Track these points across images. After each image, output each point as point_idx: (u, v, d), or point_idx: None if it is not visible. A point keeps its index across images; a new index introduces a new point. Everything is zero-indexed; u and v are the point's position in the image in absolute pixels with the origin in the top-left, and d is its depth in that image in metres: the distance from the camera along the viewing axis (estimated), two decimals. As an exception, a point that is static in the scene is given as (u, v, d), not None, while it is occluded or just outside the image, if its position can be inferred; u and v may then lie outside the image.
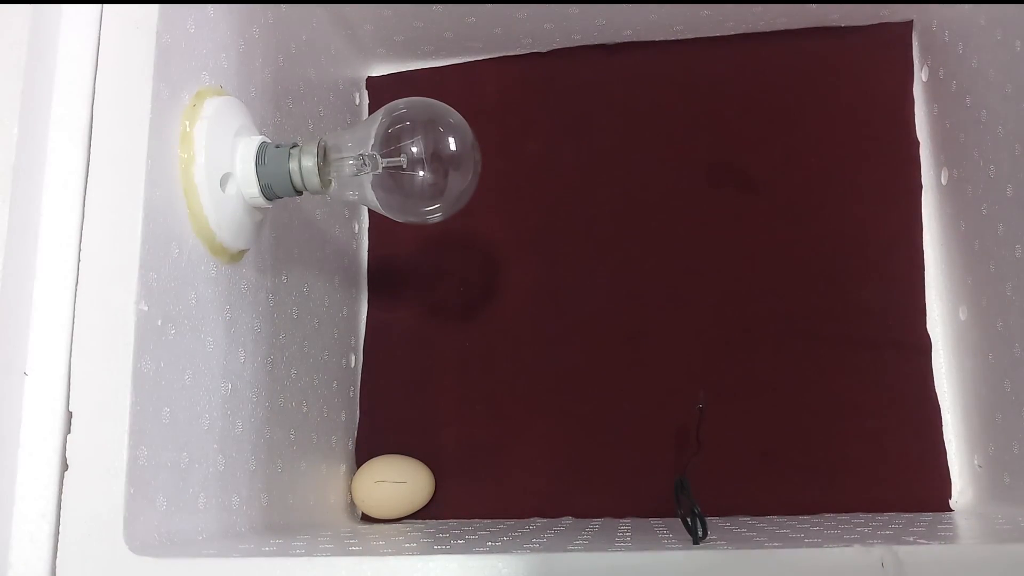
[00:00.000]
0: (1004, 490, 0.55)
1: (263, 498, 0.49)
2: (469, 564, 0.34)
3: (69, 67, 0.39)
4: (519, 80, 0.71)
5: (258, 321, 0.50)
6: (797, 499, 0.61)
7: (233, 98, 0.45)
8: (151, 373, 0.38)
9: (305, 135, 0.58)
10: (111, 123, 0.39)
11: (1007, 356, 0.54)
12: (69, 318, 0.37)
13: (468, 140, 0.45)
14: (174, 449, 0.40)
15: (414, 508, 0.63)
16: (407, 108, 0.44)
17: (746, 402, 0.63)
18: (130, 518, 0.36)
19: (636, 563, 0.34)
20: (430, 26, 0.67)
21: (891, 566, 0.33)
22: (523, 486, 0.64)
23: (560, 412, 0.66)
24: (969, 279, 0.60)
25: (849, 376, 0.63)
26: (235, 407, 0.47)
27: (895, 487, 0.61)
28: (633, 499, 0.62)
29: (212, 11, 0.45)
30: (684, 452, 0.62)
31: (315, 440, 0.59)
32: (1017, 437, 0.53)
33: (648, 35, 0.68)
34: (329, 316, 0.62)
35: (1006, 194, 0.54)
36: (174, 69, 0.41)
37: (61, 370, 0.37)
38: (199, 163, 0.41)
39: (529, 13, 0.65)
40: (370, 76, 0.72)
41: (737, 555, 0.34)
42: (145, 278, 0.38)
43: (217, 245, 0.44)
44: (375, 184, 0.44)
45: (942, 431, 0.61)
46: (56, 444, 0.36)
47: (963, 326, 0.60)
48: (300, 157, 0.43)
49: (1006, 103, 0.54)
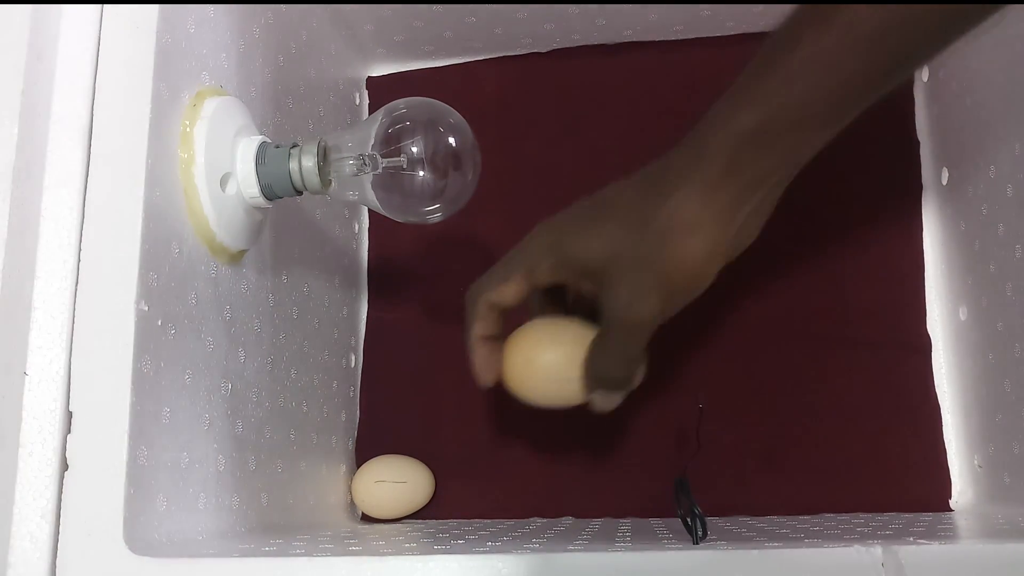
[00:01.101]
0: (1004, 490, 0.55)
1: (263, 498, 0.49)
2: (469, 564, 0.34)
3: (69, 67, 0.40)
4: (519, 80, 0.71)
5: (258, 321, 0.50)
6: (797, 499, 0.61)
7: (233, 98, 0.45)
8: (151, 373, 0.38)
9: (305, 135, 0.58)
10: (111, 123, 0.39)
11: (1007, 356, 0.54)
12: (69, 318, 0.37)
13: (468, 140, 0.45)
14: (174, 449, 0.40)
15: (414, 508, 0.63)
16: (407, 108, 0.44)
17: (746, 402, 0.63)
18: (130, 518, 0.36)
19: (636, 563, 0.34)
20: (430, 26, 0.67)
21: (891, 566, 0.33)
22: (523, 486, 0.64)
23: (560, 412, 0.65)
24: (969, 279, 0.60)
25: (849, 376, 0.63)
26: (235, 407, 0.47)
27: (895, 487, 0.61)
28: (633, 499, 0.62)
29: (212, 11, 0.45)
30: (684, 452, 0.62)
31: (315, 440, 0.59)
32: (1017, 437, 0.53)
33: (648, 35, 0.68)
34: (329, 316, 0.62)
35: (1006, 194, 0.54)
36: (174, 69, 0.41)
37: (61, 370, 0.37)
38: (199, 163, 0.41)
39: (529, 13, 0.65)
40: (370, 76, 0.73)
41: (737, 555, 0.34)
42: (145, 278, 0.38)
43: (217, 245, 0.44)
44: (375, 184, 0.44)
45: (942, 431, 0.61)
46: (56, 444, 0.36)
47: (963, 326, 0.60)
48: (300, 157, 0.43)
49: (1006, 103, 0.54)
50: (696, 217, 0.41)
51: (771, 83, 0.39)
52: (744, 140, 0.40)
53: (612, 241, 0.43)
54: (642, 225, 0.42)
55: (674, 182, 0.41)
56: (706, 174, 0.40)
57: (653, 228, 0.42)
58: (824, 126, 0.40)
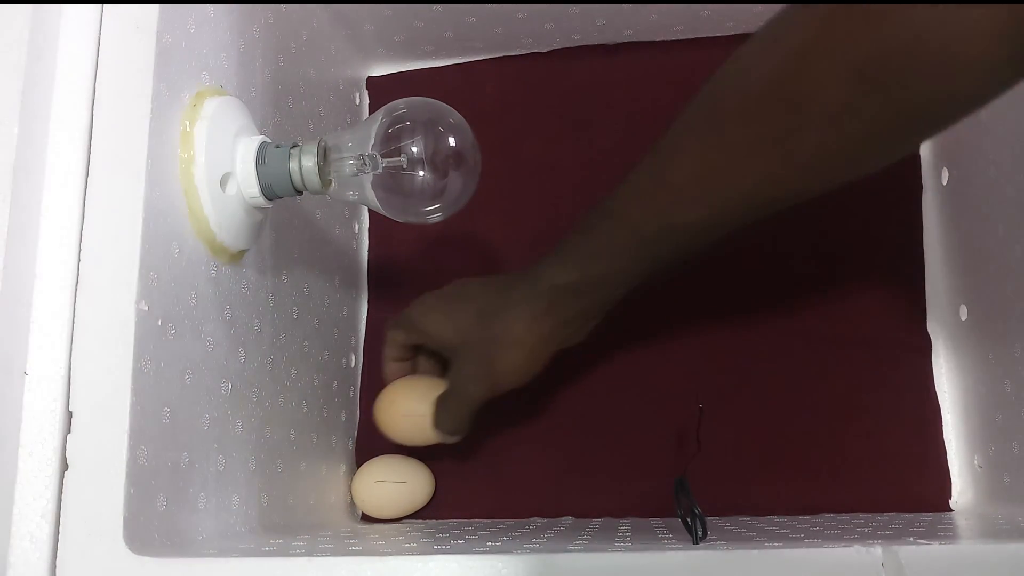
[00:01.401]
0: (1004, 490, 0.55)
1: (263, 498, 0.49)
2: (469, 564, 0.34)
3: (69, 67, 0.39)
4: (519, 80, 0.71)
5: (258, 321, 0.50)
6: (797, 499, 0.61)
7: (233, 98, 0.45)
8: (151, 373, 0.38)
9: (305, 135, 0.58)
10: (111, 123, 0.39)
11: (1007, 356, 0.54)
12: (69, 318, 0.37)
13: (468, 140, 0.45)
14: (174, 449, 0.40)
15: (414, 508, 0.63)
16: (407, 108, 0.44)
17: (746, 402, 0.63)
18: (130, 518, 0.36)
19: (636, 563, 0.34)
20: (430, 26, 0.67)
21: (891, 566, 0.33)
22: (523, 486, 0.64)
23: (560, 412, 0.65)
24: (969, 279, 0.60)
25: (849, 376, 0.63)
26: (235, 407, 0.47)
27: (895, 487, 0.61)
28: (633, 499, 0.62)
29: (212, 11, 0.45)
30: (684, 452, 0.62)
31: (315, 440, 0.59)
32: (1017, 437, 0.53)
33: (648, 35, 0.68)
34: (329, 316, 0.62)
35: (1006, 194, 0.54)
36: (174, 69, 0.41)
37: (61, 370, 0.37)
38: (199, 163, 0.41)
39: (529, 13, 0.65)
40: (370, 76, 0.72)
41: (737, 555, 0.34)
42: (145, 278, 0.38)
43: (217, 245, 0.44)
44: (375, 184, 0.44)
45: (942, 431, 0.61)
46: (56, 444, 0.36)
47: (963, 326, 0.60)
48: (300, 157, 0.43)
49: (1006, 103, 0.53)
50: (521, 338, 0.53)
51: (580, 255, 0.50)
52: (561, 291, 0.51)
53: (460, 332, 0.55)
54: (484, 329, 0.53)
55: (510, 306, 0.53)
56: (533, 309, 0.52)
57: (490, 335, 0.53)
58: (626, 285, 0.51)
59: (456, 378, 0.56)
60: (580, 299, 0.51)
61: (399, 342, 0.59)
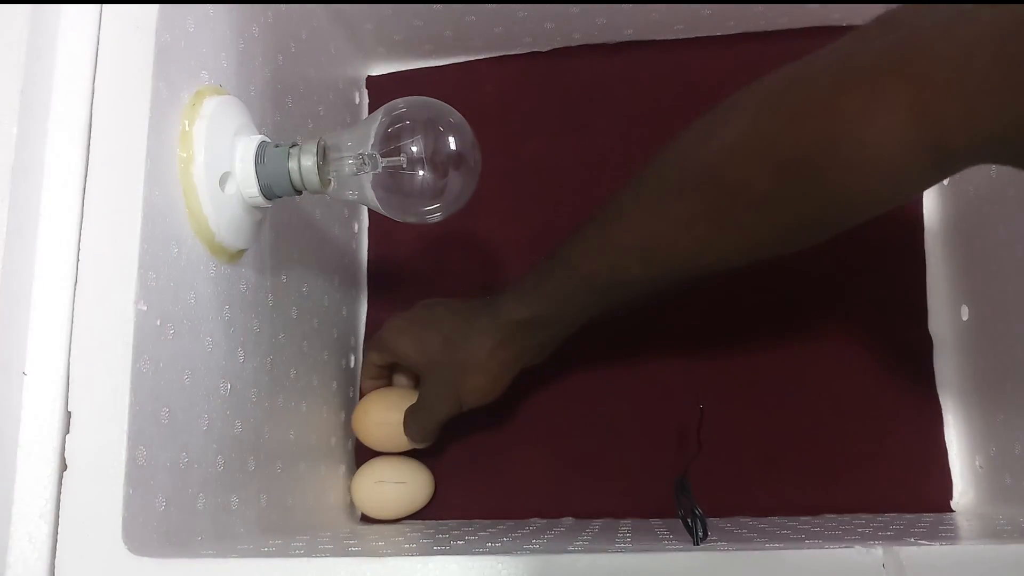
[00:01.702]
0: (1005, 491, 0.55)
1: (262, 498, 0.49)
2: (469, 565, 0.34)
3: (69, 67, 0.39)
4: (519, 80, 0.71)
5: (257, 321, 0.50)
6: (798, 499, 0.61)
7: (233, 97, 0.45)
8: (150, 373, 0.38)
9: (305, 134, 0.58)
10: (110, 122, 0.39)
11: (1008, 356, 0.54)
12: (68, 318, 0.37)
13: (468, 140, 0.45)
14: (173, 449, 0.40)
15: (414, 508, 0.63)
16: (407, 107, 0.44)
17: (746, 403, 0.63)
18: (129, 518, 0.36)
19: (636, 564, 0.34)
20: (430, 25, 0.67)
21: (892, 567, 0.33)
22: (523, 486, 0.64)
23: (560, 412, 0.65)
24: (970, 279, 0.60)
25: (849, 376, 0.63)
26: (235, 407, 0.47)
27: (896, 488, 0.61)
28: (633, 499, 0.62)
29: (211, 10, 0.45)
30: (685, 453, 0.62)
31: (315, 440, 0.58)
32: (1018, 438, 0.53)
33: (649, 34, 0.68)
34: (329, 316, 0.62)
35: (1006, 194, 0.54)
36: (174, 68, 0.41)
37: (60, 370, 0.37)
38: (198, 162, 0.41)
39: (530, 12, 0.65)
40: (370, 75, 0.72)
41: (737, 556, 0.34)
42: (144, 278, 0.38)
43: (216, 245, 0.44)
44: (375, 183, 0.44)
45: (943, 432, 0.61)
46: (55, 444, 0.36)
47: (964, 326, 0.60)
48: (300, 156, 0.43)
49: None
50: (484, 364, 0.56)
51: (536, 296, 0.53)
52: (518, 326, 0.55)
53: (428, 355, 0.59)
54: (450, 354, 0.57)
55: (472, 335, 0.56)
56: (493, 339, 0.56)
57: (455, 360, 0.57)
58: (580, 322, 0.54)
59: (425, 395, 0.60)
60: (537, 333, 0.55)
61: (374, 362, 0.63)
